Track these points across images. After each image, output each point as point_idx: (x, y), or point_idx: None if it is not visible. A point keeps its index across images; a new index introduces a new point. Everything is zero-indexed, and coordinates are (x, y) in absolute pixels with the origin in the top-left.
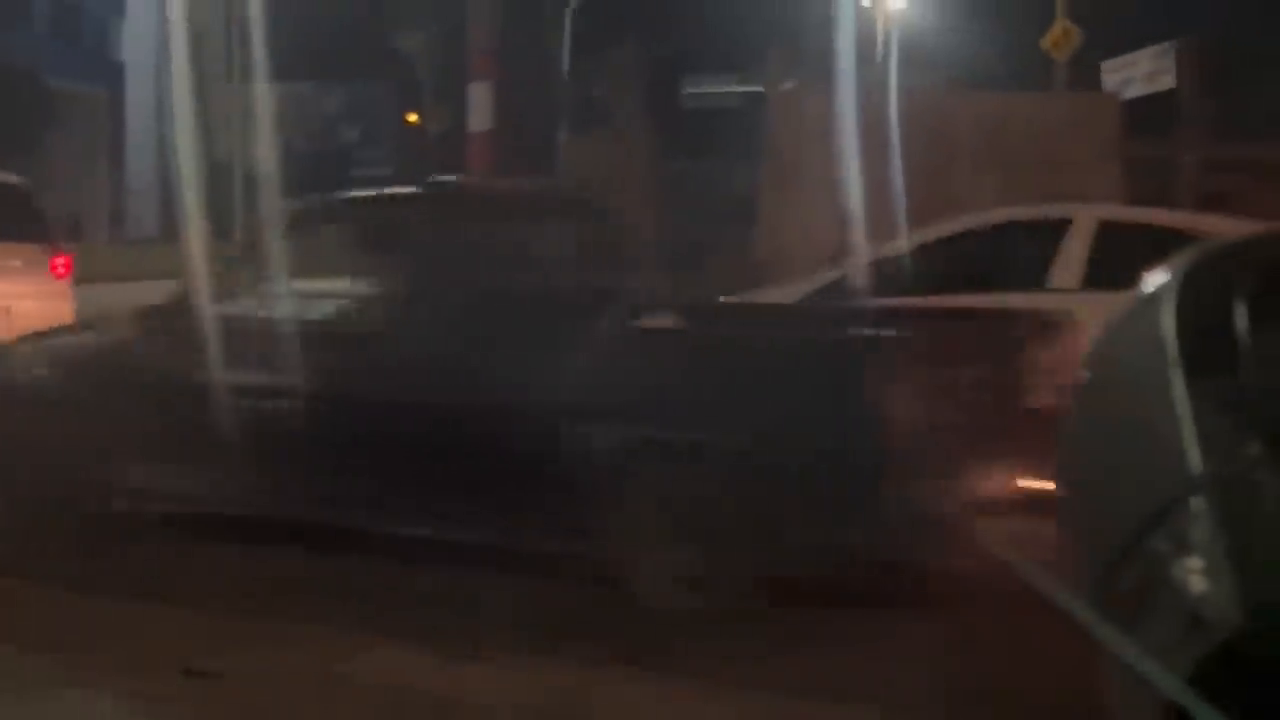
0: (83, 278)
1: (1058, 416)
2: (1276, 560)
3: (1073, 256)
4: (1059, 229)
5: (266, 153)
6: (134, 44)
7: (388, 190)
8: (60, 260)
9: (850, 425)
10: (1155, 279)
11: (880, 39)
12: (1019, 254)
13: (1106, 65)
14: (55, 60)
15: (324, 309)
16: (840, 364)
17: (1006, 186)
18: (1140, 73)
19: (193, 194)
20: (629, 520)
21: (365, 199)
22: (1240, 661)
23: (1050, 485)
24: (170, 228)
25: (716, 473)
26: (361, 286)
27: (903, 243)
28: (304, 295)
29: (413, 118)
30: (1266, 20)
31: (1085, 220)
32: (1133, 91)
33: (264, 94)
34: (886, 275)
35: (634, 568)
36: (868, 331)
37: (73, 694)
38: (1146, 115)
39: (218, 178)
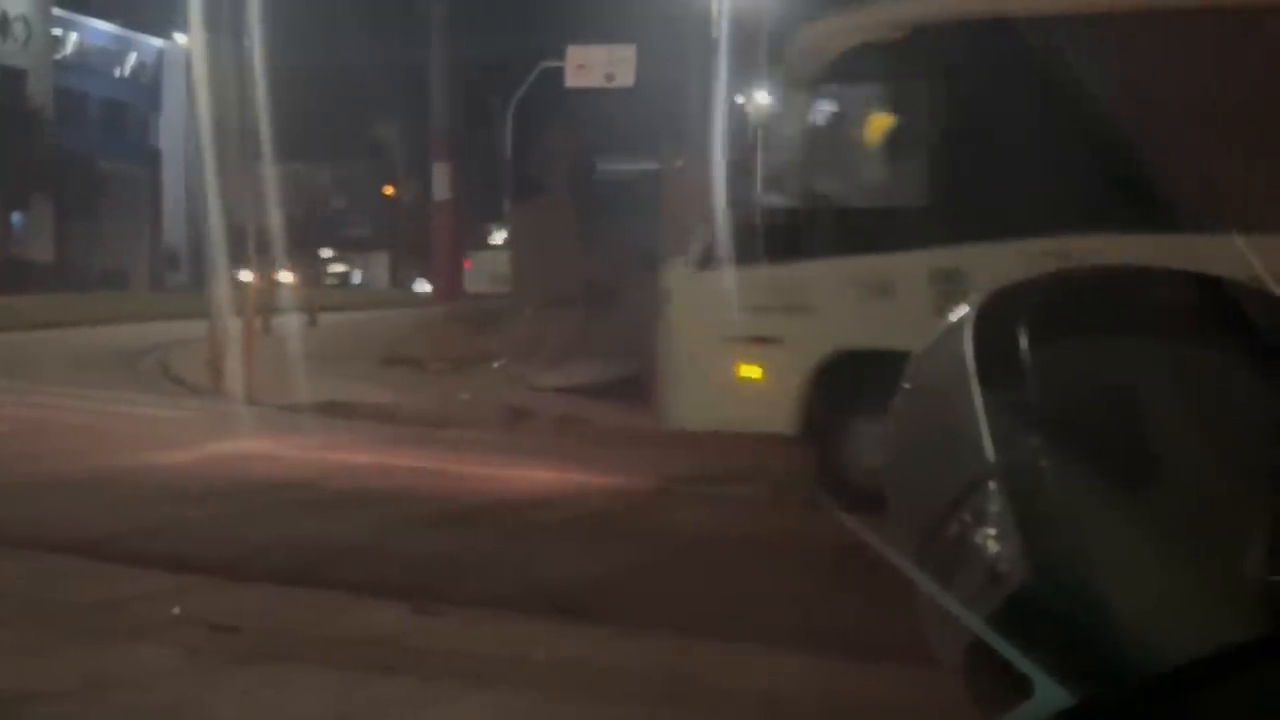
0: (128, 317)
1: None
2: (1053, 528)
3: None
4: None
5: (273, 218)
6: (168, 133)
7: None
8: None
9: None
10: (958, 311)
11: (750, 126)
12: None
13: None
14: (106, 146)
15: None
16: None
17: None
18: None
19: (216, 251)
20: None
21: None
22: (1026, 605)
23: None
24: (197, 278)
25: None
26: None
27: None
28: None
29: (388, 190)
30: None
31: None
32: None
33: (271, 171)
34: None
35: None
36: None
37: (126, 644)
38: None
39: (235, 238)
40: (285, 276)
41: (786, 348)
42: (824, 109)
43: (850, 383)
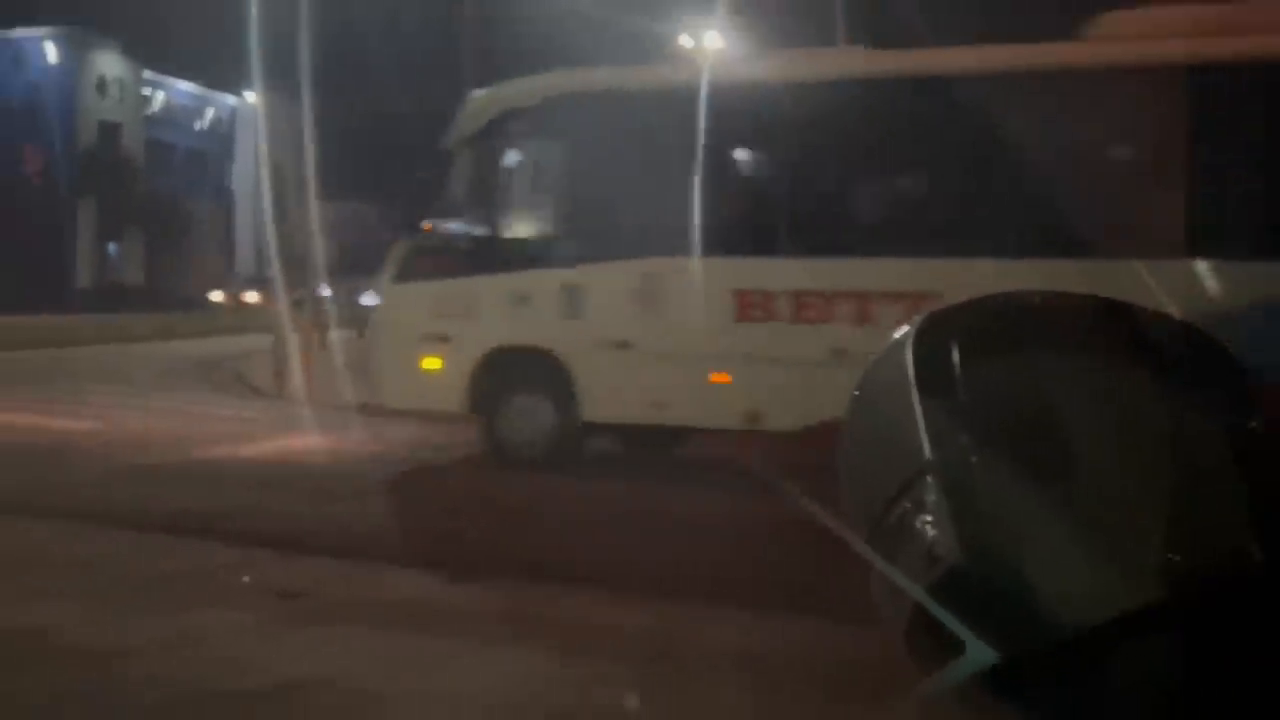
0: (210, 331)
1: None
2: (981, 515)
3: None
4: None
5: (325, 248)
6: (239, 177)
7: None
8: None
9: None
10: (900, 331)
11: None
12: None
13: None
14: (188, 188)
15: None
16: None
17: None
18: None
19: (279, 275)
20: None
21: None
22: (959, 580)
23: None
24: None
25: None
26: None
27: None
28: None
29: (427, 227)
30: None
31: None
32: None
33: (324, 208)
34: None
35: None
36: None
37: (205, 608)
38: None
39: (295, 264)
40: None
41: (458, 345)
42: (481, 160)
43: (503, 371)
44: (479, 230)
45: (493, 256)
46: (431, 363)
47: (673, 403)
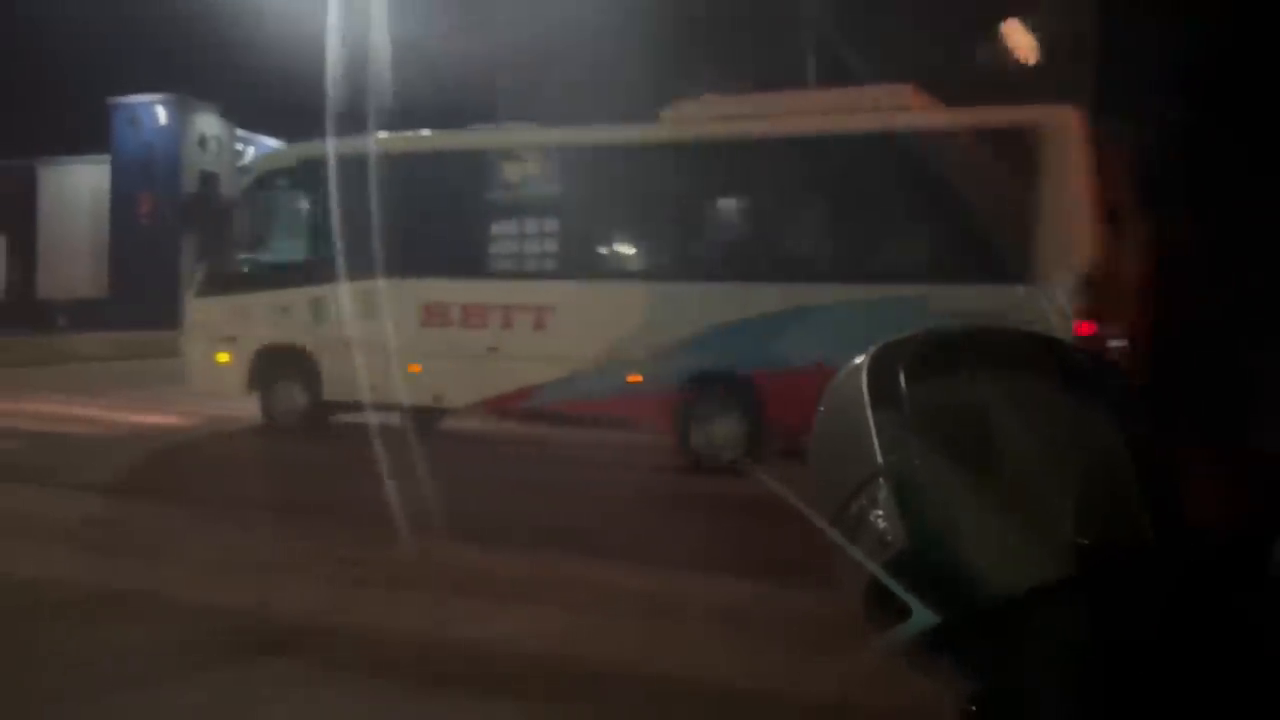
0: None
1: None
2: (923, 509)
3: None
4: None
5: None
6: None
7: None
8: None
9: None
10: (858, 356)
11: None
12: None
13: None
14: None
15: None
16: None
17: None
18: None
19: None
20: None
21: None
22: (905, 561)
23: None
24: None
25: None
26: None
27: None
28: None
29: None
30: None
31: None
32: None
33: None
34: None
35: None
36: None
37: (283, 573)
38: None
39: None
40: None
41: (240, 344)
42: (255, 206)
43: (270, 363)
44: (255, 257)
45: (263, 277)
46: (223, 357)
47: (384, 386)
